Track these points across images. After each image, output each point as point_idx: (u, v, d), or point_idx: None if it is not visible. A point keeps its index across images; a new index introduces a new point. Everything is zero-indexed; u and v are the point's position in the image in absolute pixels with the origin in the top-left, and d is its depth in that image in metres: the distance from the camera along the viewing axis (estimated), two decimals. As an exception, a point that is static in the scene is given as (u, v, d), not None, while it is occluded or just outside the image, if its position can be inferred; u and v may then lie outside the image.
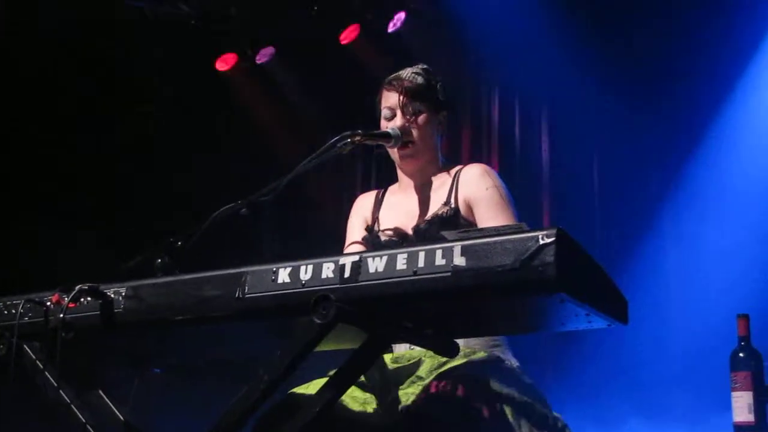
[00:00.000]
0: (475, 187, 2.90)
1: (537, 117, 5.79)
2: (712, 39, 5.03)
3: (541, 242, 1.84)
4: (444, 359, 2.53)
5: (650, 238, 5.15)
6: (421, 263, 1.94)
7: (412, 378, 2.58)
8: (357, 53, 6.22)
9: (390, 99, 3.01)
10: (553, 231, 1.86)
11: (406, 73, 3.04)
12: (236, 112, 6.44)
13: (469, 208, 2.89)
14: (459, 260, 1.90)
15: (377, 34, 6.13)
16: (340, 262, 2.02)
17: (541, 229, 1.87)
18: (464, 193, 2.91)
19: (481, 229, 2.02)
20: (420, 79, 3.01)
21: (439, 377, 2.51)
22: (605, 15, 5.45)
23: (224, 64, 6.36)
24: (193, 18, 5.97)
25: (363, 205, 3.16)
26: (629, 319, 2.14)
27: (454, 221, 2.82)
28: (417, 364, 2.61)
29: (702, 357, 4.49)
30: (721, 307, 4.24)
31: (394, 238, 2.92)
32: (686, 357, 4.76)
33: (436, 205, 2.94)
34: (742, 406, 2.98)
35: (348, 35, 6.16)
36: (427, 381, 2.53)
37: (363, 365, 2.19)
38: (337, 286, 2.00)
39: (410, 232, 2.92)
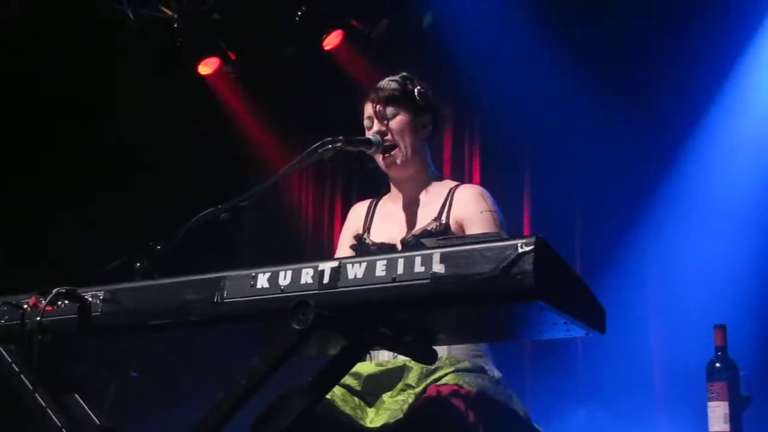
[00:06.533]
0: (471, 209, 2.91)
1: (519, 125, 5.80)
2: (697, 45, 5.04)
3: (521, 250, 1.86)
4: (431, 367, 2.54)
5: (629, 248, 5.16)
6: (400, 270, 1.95)
7: (401, 386, 2.60)
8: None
9: (368, 109, 3.03)
10: (533, 239, 1.88)
11: (383, 81, 3.06)
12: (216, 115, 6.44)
13: (461, 228, 2.90)
14: (438, 267, 1.91)
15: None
16: (320, 268, 2.03)
17: (521, 238, 1.89)
18: (457, 212, 2.92)
19: (461, 237, 2.04)
20: (394, 85, 3.02)
21: (431, 384, 2.53)
22: (588, 24, 5.47)
23: (207, 67, 6.35)
24: (175, 21, 5.95)
25: (355, 214, 3.16)
26: (607, 328, 2.16)
27: None
28: (402, 369, 2.63)
29: (679, 367, 4.51)
30: (699, 318, 4.27)
31: (382, 248, 2.93)
32: (663, 367, 4.78)
33: (426, 219, 2.95)
34: (718, 416, 3.00)
35: (331, 41, 6.16)
36: (417, 389, 2.55)
37: (340, 371, 2.20)
38: (316, 292, 2.01)
39: (398, 244, 2.93)
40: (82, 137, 5.98)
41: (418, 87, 3.04)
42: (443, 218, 2.91)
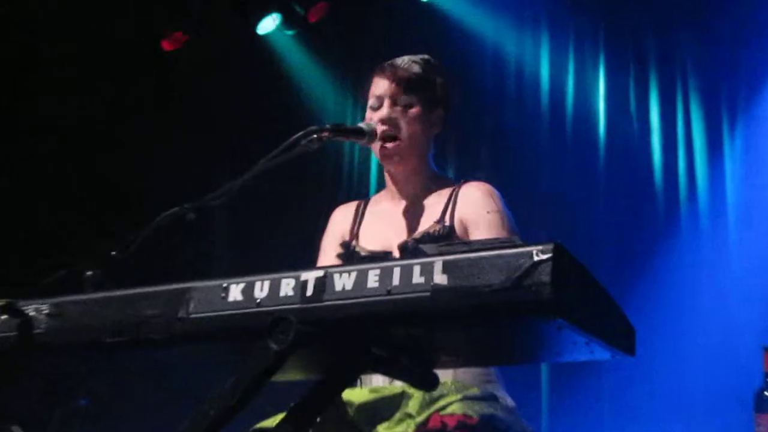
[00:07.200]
0: (476, 209, 2.91)
1: (536, 123, 5.81)
2: (743, 34, 5.08)
3: (536, 259, 1.84)
4: (436, 394, 2.54)
5: (663, 258, 5.17)
6: (396, 281, 1.93)
7: (399, 415, 2.59)
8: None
9: (380, 87, 3.02)
10: (550, 246, 1.85)
11: (403, 60, 3.04)
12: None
13: (465, 229, 2.90)
14: (440, 278, 1.90)
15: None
16: (302, 279, 2.02)
17: (536, 244, 1.87)
18: (462, 212, 2.93)
19: (467, 242, 2.03)
20: (417, 68, 3.01)
21: (434, 414, 2.52)
22: (613, 18, 5.50)
23: (172, 42, 6.38)
24: None
25: (339, 219, 3.16)
26: (637, 351, 2.15)
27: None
28: (401, 396, 2.62)
29: (723, 396, 4.51)
30: (745, 339, 4.27)
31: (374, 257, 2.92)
32: (703, 395, 4.78)
33: (427, 222, 2.96)
34: (766, 453, 3.00)
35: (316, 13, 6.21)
36: (419, 419, 2.54)
37: (326, 398, 2.19)
38: (298, 306, 1.99)
39: (395, 249, 2.93)
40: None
41: (441, 79, 3.05)
42: (447, 220, 2.92)
